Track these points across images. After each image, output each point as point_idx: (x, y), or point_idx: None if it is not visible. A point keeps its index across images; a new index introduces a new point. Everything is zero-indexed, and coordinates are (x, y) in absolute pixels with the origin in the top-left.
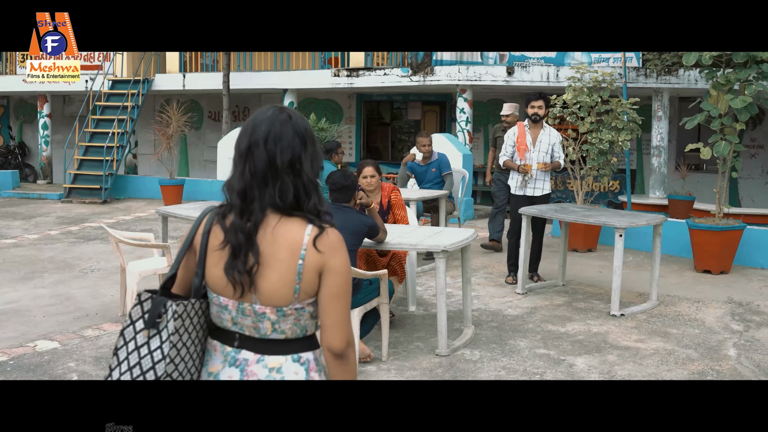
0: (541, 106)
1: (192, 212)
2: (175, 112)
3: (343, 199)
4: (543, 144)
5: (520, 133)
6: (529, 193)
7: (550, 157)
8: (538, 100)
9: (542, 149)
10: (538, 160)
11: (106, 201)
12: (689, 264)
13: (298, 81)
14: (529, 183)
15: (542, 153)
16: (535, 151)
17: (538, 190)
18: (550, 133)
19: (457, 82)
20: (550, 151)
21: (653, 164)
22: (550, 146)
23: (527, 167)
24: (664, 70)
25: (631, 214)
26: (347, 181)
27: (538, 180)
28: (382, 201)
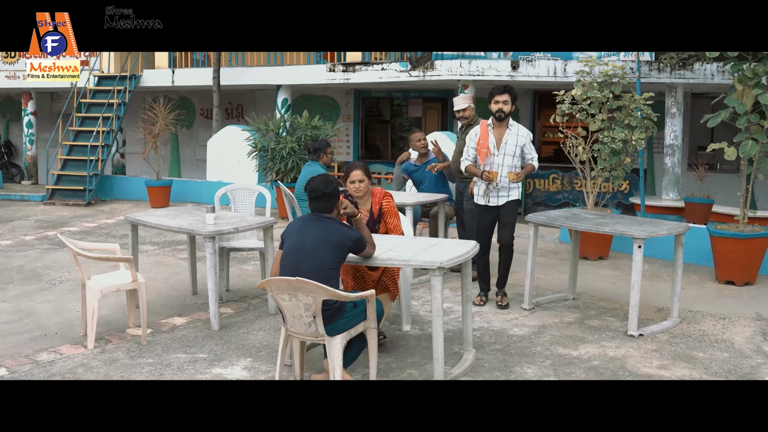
0: (506, 101)
1: (165, 220)
2: (161, 110)
3: (324, 208)
4: (509, 146)
5: (482, 134)
6: (493, 203)
7: (519, 161)
8: (503, 93)
9: (508, 151)
10: (505, 165)
11: (90, 203)
12: (710, 274)
13: (292, 76)
14: (494, 192)
15: (508, 156)
16: (499, 154)
17: (503, 198)
18: (518, 132)
19: (458, 77)
20: (518, 153)
21: (666, 164)
22: (518, 147)
23: (492, 175)
24: (679, 64)
25: (650, 222)
26: (328, 188)
27: (502, 188)
28: (373, 208)
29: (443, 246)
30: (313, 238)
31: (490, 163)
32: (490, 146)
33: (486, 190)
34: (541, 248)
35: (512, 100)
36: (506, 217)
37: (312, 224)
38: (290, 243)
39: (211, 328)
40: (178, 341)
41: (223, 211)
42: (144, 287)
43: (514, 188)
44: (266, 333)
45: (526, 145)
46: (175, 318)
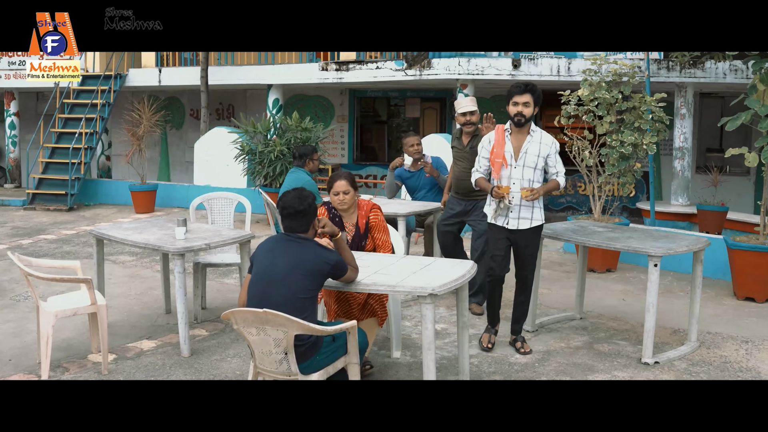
0: (527, 103)
1: (132, 234)
2: (145, 110)
3: (298, 228)
4: (530, 156)
5: (498, 141)
6: (511, 226)
7: (541, 175)
8: (524, 93)
9: (528, 163)
10: (524, 179)
11: (73, 208)
12: (727, 288)
13: (284, 76)
14: (509, 212)
15: (528, 168)
16: (518, 165)
17: (523, 221)
18: (541, 140)
19: (457, 76)
20: (541, 165)
21: (675, 167)
22: (540, 158)
23: (503, 190)
24: (689, 62)
25: (666, 237)
26: (302, 205)
27: (523, 207)
28: (359, 222)
29: (437, 267)
30: (284, 263)
31: (507, 177)
32: (507, 156)
33: (498, 210)
34: (545, 259)
35: (535, 101)
36: (526, 248)
37: (284, 246)
38: (259, 267)
39: (180, 354)
40: (143, 369)
41: (197, 224)
42: (104, 310)
43: (536, 208)
44: (241, 360)
45: (550, 156)
46: (144, 341)
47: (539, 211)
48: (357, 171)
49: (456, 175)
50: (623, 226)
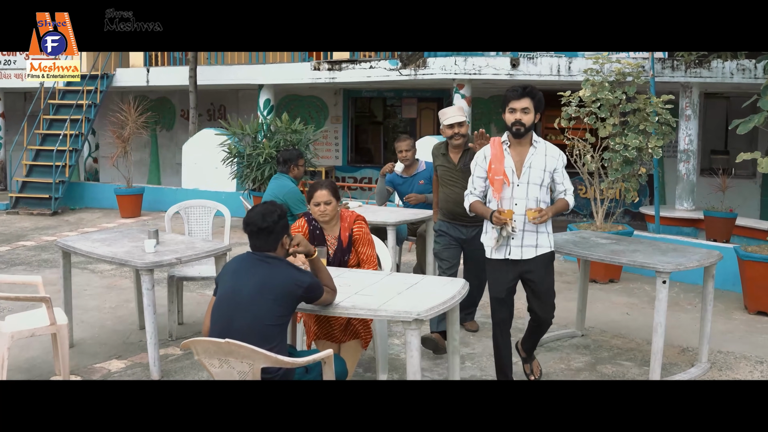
0: (526, 109)
1: (100, 246)
2: (131, 111)
3: (264, 246)
4: (534, 171)
5: (496, 156)
6: (515, 256)
7: (548, 193)
8: (521, 98)
9: (533, 179)
10: (530, 198)
11: (57, 212)
12: (737, 301)
13: (275, 75)
14: (512, 239)
15: (534, 186)
16: (521, 183)
17: (528, 250)
18: (546, 152)
19: (453, 76)
20: (548, 181)
21: (680, 171)
22: (546, 173)
23: (505, 215)
24: (695, 61)
25: (675, 250)
26: (265, 222)
27: (526, 233)
28: (341, 235)
29: (425, 286)
30: (251, 285)
31: (509, 197)
32: (508, 172)
33: (499, 239)
34: None
35: (535, 107)
36: (539, 283)
37: (250, 266)
38: (223, 290)
39: (150, 376)
40: None
41: (171, 235)
42: (65, 330)
43: (542, 233)
44: None
45: (557, 171)
46: (113, 361)
47: (546, 236)
48: (352, 173)
49: (447, 200)
50: (628, 237)
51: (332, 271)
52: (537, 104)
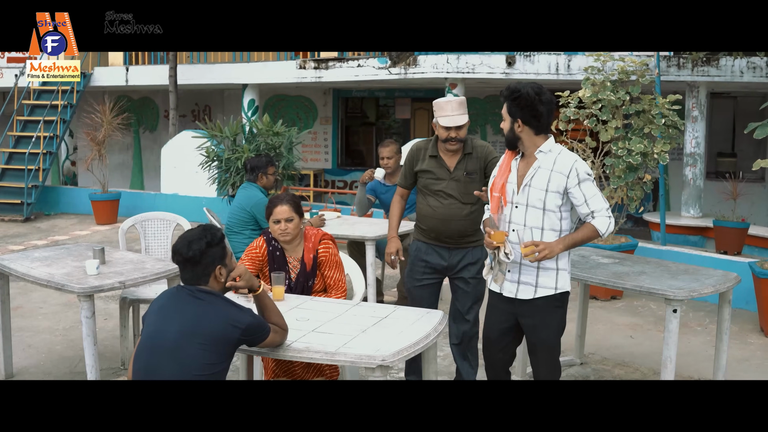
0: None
1: (38, 267)
2: (106, 112)
3: (192, 279)
4: (533, 191)
5: (502, 167)
6: (508, 293)
7: (558, 219)
8: (505, 102)
9: (532, 200)
10: (527, 225)
11: (30, 218)
12: (752, 322)
13: (258, 75)
14: (508, 272)
15: (534, 210)
16: (519, 204)
17: (524, 288)
18: (553, 165)
19: (445, 74)
20: (554, 203)
21: (686, 175)
22: (552, 194)
23: (494, 237)
24: (702, 59)
25: (686, 272)
26: (190, 251)
27: (527, 267)
28: (305, 257)
29: (396, 320)
30: (177, 327)
31: (506, 221)
32: (508, 189)
33: (492, 267)
34: None
35: (510, 111)
36: (531, 334)
37: (178, 303)
38: (146, 332)
39: None
40: None
41: (121, 253)
42: None
43: (545, 269)
44: None
45: (571, 189)
46: None
47: (552, 275)
48: (342, 176)
49: (432, 215)
50: (633, 256)
51: (293, 300)
52: (517, 108)
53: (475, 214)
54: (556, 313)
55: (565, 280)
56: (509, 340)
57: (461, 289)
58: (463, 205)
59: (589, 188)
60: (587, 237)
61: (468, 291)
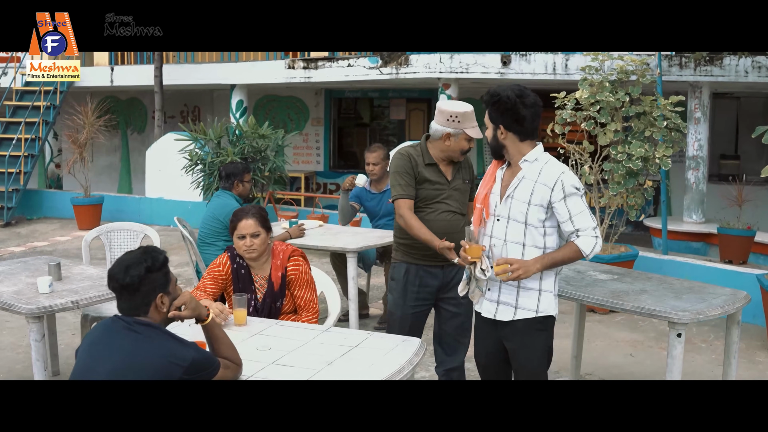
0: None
1: None
2: (88, 113)
3: (130, 309)
4: (516, 203)
5: (487, 175)
6: (487, 313)
7: (542, 234)
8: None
9: (514, 213)
10: (508, 240)
11: (10, 223)
12: (760, 338)
13: (246, 75)
14: (488, 290)
15: (515, 224)
16: (501, 217)
17: (503, 309)
18: (538, 177)
19: (438, 74)
20: (537, 217)
21: (689, 179)
22: (535, 207)
23: (469, 252)
24: (705, 58)
25: (691, 289)
26: (128, 277)
27: (507, 286)
28: (273, 275)
29: (368, 350)
30: (108, 366)
31: (488, 235)
32: (491, 200)
33: (468, 284)
34: None
35: (494, 118)
36: (513, 358)
37: (112, 337)
38: (74, 373)
39: None
40: None
41: (81, 268)
42: None
43: (528, 289)
44: None
45: (555, 203)
46: None
47: (533, 296)
48: (334, 179)
49: (434, 229)
50: (632, 272)
51: (256, 324)
52: (493, 114)
53: None
54: (538, 336)
55: (549, 303)
56: (500, 364)
57: (449, 311)
58: (462, 216)
59: (575, 204)
60: (569, 257)
61: (458, 312)
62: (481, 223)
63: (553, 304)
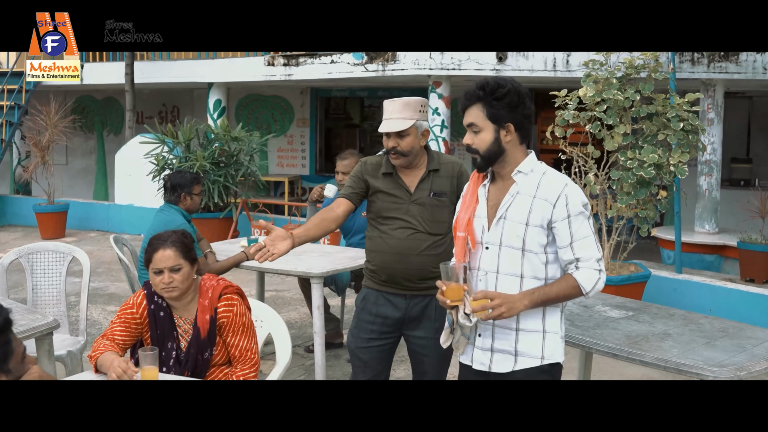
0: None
1: None
2: (50, 114)
3: None
4: (510, 226)
5: (467, 195)
6: (478, 365)
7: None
8: (469, 108)
9: (508, 239)
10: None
11: None
12: None
13: (224, 73)
14: (478, 336)
15: (509, 251)
16: (490, 244)
17: (502, 357)
18: (536, 191)
19: (428, 71)
20: (536, 242)
21: (701, 185)
22: (534, 229)
23: (448, 294)
24: (720, 54)
25: (725, 333)
26: None
27: (501, 329)
28: (199, 318)
29: None
30: None
31: (475, 268)
32: (476, 226)
33: (452, 332)
34: None
35: (500, 116)
36: None
37: None
38: None
39: None
40: None
41: None
42: None
43: (529, 331)
44: None
45: (557, 222)
46: None
47: (535, 338)
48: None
49: (385, 249)
50: (650, 307)
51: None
52: (498, 111)
53: (442, 248)
54: None
55: (555, 347)
56: None
57: (419, 354)
58: (427, 236)
59: (580, 227)
60: (564, 294)
61: (428, 355)
62: (466, 255)
63: (560, 348)
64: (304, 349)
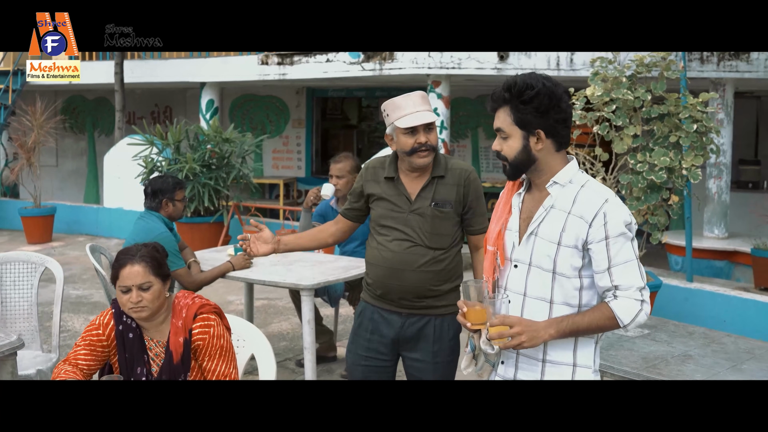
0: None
1: None
2: (36, 115)
3: None
4: (542, 243)
5: (501, 202)
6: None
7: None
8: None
9: (538, 260)
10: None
11: None
12: None
13: (216, 72)
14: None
15: (539, 272)
16: (519, 263)
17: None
18: (572, 206)
19: (426, 71)
20: (570, 264)
21: (710, 188)
22: (567, 250)
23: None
24: (729, 52)
25: (751, 354)
26: None
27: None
28: (171, 341)
29: None
30: None
31: (503, 287)
32: (508, 239)
33: (474, 357)
34: None
35: (529, 121)
36: None
37: None
38: None
39: None
40: None
41: None
42: None
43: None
44: None
45: (592, 245)
46: None
47: (564, 371)
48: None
49: (381, 262)
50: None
51: None
52: (525, 115)
53: (443, 263)
54: None
55: (592, 358)
56: None
57: (415, 378)
58: (426, 249)
59: (620, 250)
60: (598, 325)
61: (425, 379)
62: (495, 272)
63: None
64: (295, 363)
